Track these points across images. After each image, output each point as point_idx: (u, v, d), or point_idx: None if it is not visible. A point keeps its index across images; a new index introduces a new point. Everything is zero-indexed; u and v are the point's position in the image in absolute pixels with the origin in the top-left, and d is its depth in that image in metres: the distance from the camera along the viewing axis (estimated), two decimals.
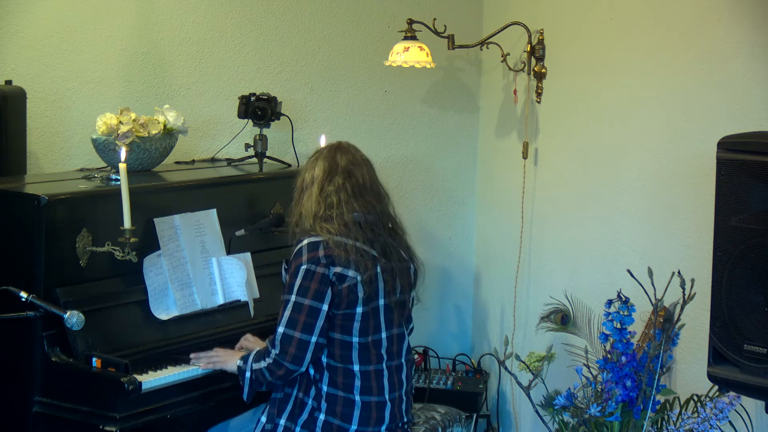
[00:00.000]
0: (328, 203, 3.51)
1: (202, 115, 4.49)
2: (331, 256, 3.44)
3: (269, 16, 4.67)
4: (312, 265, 3.44)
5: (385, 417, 3.55)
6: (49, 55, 4.14)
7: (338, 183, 3.53)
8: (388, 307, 3.56)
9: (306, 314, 3.42)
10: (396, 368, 3.60)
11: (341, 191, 3.52)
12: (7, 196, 3.56)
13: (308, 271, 3.43)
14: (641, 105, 4.41)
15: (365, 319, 3.50)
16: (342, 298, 3.45)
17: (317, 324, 3.43)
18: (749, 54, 4.00)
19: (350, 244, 3.47)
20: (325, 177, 3.54)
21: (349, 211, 3.50)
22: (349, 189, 3.53)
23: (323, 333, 3.45)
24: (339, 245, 3.45)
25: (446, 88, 5.14)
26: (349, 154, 3.60)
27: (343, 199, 3.51)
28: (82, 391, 3.41)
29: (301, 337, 3.41)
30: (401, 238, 3.68)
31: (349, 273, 3.45)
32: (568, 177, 4.74)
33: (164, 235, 3.78)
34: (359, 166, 3.59)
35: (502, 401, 5.06)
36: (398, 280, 3.59)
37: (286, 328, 3.42)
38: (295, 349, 3.42)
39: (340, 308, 3.47)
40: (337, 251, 3.44)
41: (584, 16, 4.65)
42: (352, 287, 3.46)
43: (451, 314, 5.29)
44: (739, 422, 3.91)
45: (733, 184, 3.45)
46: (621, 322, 3.84)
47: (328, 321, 3.46)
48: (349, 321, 3.48)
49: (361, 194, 3.55)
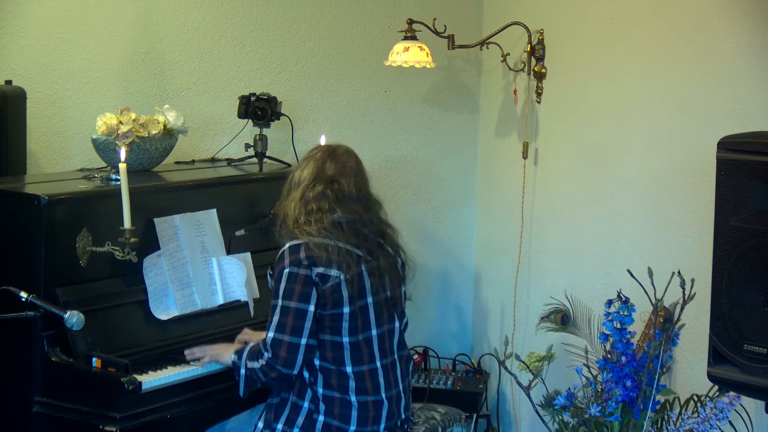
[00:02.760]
0: (308, 209, 3.51)
1: (202, 115, 4.49)
2: (312, 257, 3.45)
3: (269, 16, 4.67)
4: (294, 268, 3.44)
5: (382, 415, 3.55)
6: (49, 55, 4.14)
7: (318, 191, 3.51)
8: (378, 304, 3.56)
9: (293, 317, 3.42)
10: (390, 365, 3.60)
11: (322, 199, 3.51)
12: (7, 196, 3.56)
13: (291, 274, 3.44)
14: (641, 105, 4.41)
15: (353, 318, 3.50)
16: (327, 298, 3.46)
17: (305, 326, 3.43)
18: (749, 54, 4.00)
19: (332, 244, 3.47)
20: (309, 183, 3.53)
21: (329, 216, 3.50)
22: (331, 197, 3.51)
23: (312, 334, 3.45)
24: (320, 246, 3.45)
25: (446, 88, 5.14)
26: (339, 164, 3.56)
27: (324, 207, 3.50)
28: (82, 391, 3.41)
29: (290, 340, 3.42)
30: (390, 236, 3.67)
31: (331, 273, 3.46)
32: (568, 177, 4.74)
33: (164, 235, 3.78)
34: (347, 176, 3.56)
35: (502, 401, 5.06)
36: (386, 276, 3.59)
37: (275, 333, 3.43)
38: (286, 353, 3.42)
39: (327, 308, 3.47)
40: (318, 252, 3.45)
41: (584, 16, 4.65)
42: (336, 287, 3.46)
43: (451, 314, 5.29)
44: (739, 422, 3.91)
45: (733, 184, 3.45)
46: (621, 322, 3.84)
47: (317, 323, 3.46)
48: (337, 321, 3.49)
49: (345, 202, 3.53)
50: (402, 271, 3.69)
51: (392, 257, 3.65)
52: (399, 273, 3.67)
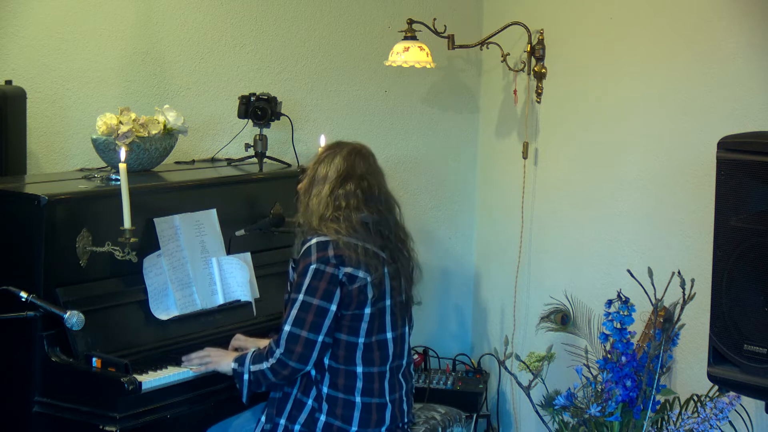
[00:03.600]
0: (336, 206, 3.50)
1: (202, 115, 4.49)
2: (341, 257, 3.43)
3: (269, 16, 4.66)
4: (321, 265, 3.43)
5: (385, 418, 3.55)
6: (49, 55, 4.13)
7: (349, 188, 3.51)
8: (394, 307, 3.56)
9: (314, 314, 3.41)
10: (396, 369, 3.60)
11: (351, 197, 3.51)
12: (7, 196, 3.56)
13: (317, 271, 3.43)
14: (641, 105, 4.41)
15: (372, 320, 3.50)
16: (352, 298, 3.45)
17: (325, 323, 3.42)
18: (749, 54, 4.00)
19: (360, 245, 3.46)
20: (339, 179, 3.52)
21: (356, 214, 3.50)
22: (360, 195, 3.51)
23: (330, 333, 3.44)
24: (349, 246, 3.44)
25: (446, 88, 5.14)
26: (368, 163, 3.58)
27: (352, 204, 3.50)
28: (82, 391, 3.41)
29: (308, 336, 3.41)
30: (405, 242, 3.67)
31: (359, 274, 3.45)
32: (568, 177, 4.74)
33: (164, 235, 3.78)
34: (375, 175, 3.58)
35: (502, 401, 5.06)
36: (403, 281, 3.59)
37: (293, 327, 3.42)
38: (302, 348, 3.41)
39: (350, 309, 3.46)
40: (347, 252, 3.43)
41: (584, 16, 4.65)
42: (362, 288, 3.46)
43: (451, 314, 5.29)
44: (739, 422, 3.92)
45: (733, 184, 3.45)
46: (621, 322, 3.84)
47: (336, 321, 3.46)
48: (357, 321, 3.48)
49: (372, 201, 3.54)
50: (411, 275, 3.69)
51: (409, 262, 3.65)
52: (411, 278, 3.67)
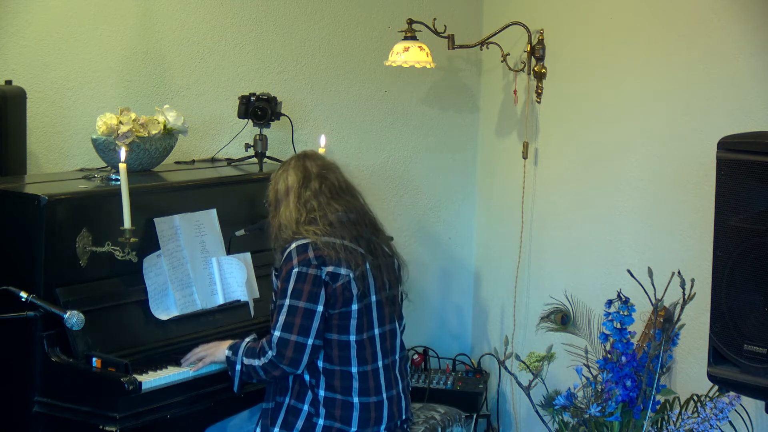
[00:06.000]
0: (309, 208, 3.53)
1: (202, 115, 4.49)
2: (321, 257, 3.45)
3: (269, 16, 4.66)
4: (303, 267, 3.44)
5: (383, 416, 3.55)
6: (49, 55, 4.13)
7: (315, 188, 3.56)
8: (380, 302, 3.57)
9: (301, 316, 3.42)
10: (391, 365, 3.60)
11: (320, 195, 3.55)
12: (7, 196, 3.56)
13: (300, 274, 3.44)
14: (641, 105, 4.41)
15: (360, 316, 3.51)
16: (337, 297, 3.46)
17: (313, 326, 3.43)
18: (749, 54, 4.00)
19: (338, 242, 3.48)
20: (301, 184, 3.57)
21: (331, 212, 3.53)
22: (326, 192, 3.56)
23: (320, 335, 3.45)
24: (327, 245, 3.46)
25: (446, 88, 5.14)
26: (318, 160, 3.64)
27: (323, 202, 3.55)
28: (82, 391, 3.41)
29: (297, 340, 3.42)
30: (381, 234, 3.68)
31: (341, 271, 3.46)
32: (568, 177, 4.74)
33: (164, 235, 3.78)
34: (330, 170, 3.63)
35: (502, 401, 5.06)
36: (385, 275, 3.60)
37: (282, 332, 3.43)
38: (293, 352, 3.42)
39: (336, 307, 3.47)
40: (327, 251, 3.45)
41: (584, 16, 4.65)
42: (346, 284, 3.47)
43: (451, 314, 5.29)
44: (739, 422, 3.92)
45: (733, 184, 3.45)
46: (621, 322, 3.84)
47: (324, 322, 3.46)
48: (345, 319, 3.49)
49: (339, 195, 3.58)
50: (398, 272, 3.69)
51: (390, 257, 3.66)
52: (396, 273, 3.67)
